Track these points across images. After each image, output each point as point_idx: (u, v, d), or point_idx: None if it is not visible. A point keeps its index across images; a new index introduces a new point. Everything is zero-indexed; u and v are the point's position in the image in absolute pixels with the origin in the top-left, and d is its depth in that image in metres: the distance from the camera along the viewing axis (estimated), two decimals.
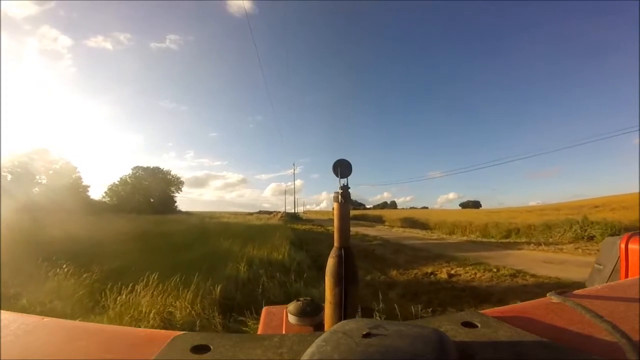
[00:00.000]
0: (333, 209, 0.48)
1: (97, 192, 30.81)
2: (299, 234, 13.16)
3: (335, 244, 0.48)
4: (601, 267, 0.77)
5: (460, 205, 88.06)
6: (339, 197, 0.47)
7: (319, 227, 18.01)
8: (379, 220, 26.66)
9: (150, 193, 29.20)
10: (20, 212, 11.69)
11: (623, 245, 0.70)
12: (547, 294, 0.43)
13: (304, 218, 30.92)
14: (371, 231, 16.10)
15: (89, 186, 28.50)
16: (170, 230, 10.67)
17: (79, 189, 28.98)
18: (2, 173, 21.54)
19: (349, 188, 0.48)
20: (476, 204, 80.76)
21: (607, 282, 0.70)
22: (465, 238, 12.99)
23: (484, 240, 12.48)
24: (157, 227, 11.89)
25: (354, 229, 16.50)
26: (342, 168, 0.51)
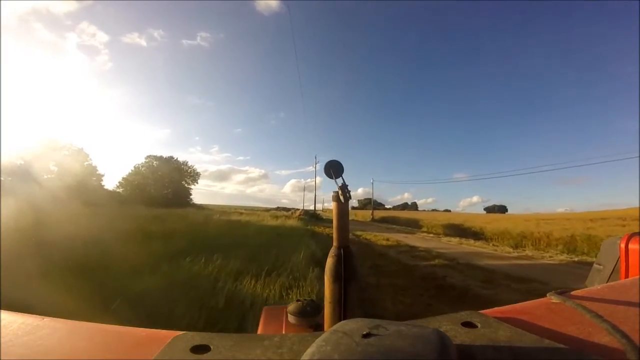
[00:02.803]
0: (332, 208, 0.47)
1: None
2: (324, 243, 9.66)
3: (335, 243, 0.46)
4: (601, 267, 0.73)
5: (485, 209, 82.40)
6: (339, 196, 0.45)
7: None
8: (414, 224, 22.34)
9: (164, 184, 27.00)
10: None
11: (623, 245, 0.67)
12: (547, 294, 0.42)
13: (324, 217, 27.40)
14: (415, 240, 12.32)
15: (103, 175, 26.69)
16: (160, 231, 8.11)
17: (92, 178, 27.15)
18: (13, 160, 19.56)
19: (347, 186, 0.46)
20: (502, 209, 75.57)
21: (607, 282, 0.68)
22: (564, 257, 8.99)
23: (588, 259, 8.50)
24: (150, 225, 9.41)
25: (393, 237, 12.76)
26: (335, 169, 0.49)
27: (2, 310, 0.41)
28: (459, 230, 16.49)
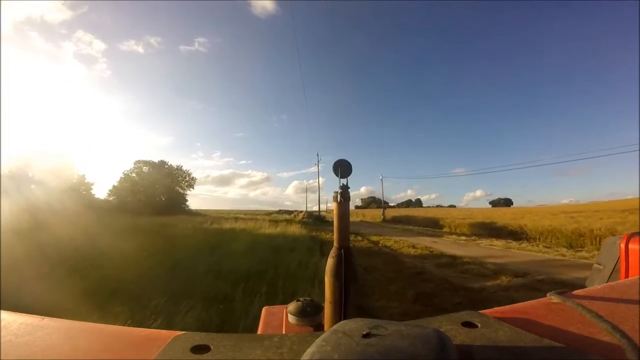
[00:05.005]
0: (333, 209, 0.47)
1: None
2: None
3: (335, 243, 0.46)
4: (601, 267, 0.73)
5: (490, 203, 79.94)
6: (338, 196, 0.45)
7: (360, 238, 11.79)
8: (434, 224, 19.54)
9: (155, 190, 24.70)
10: None
11: (623, 245, 0.66)
12: (547, 294, 0.41)
13: (329, 220, 24.93)
14: (448, 246, 9.95)
15: (92, 184, 24.96)
16: (118, 252, 6.06)
17: (81, 188, 25.07)
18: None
19: (349, 188, 0.46)
20: (507, 202, 73.26)
21: (607, 282, 0.67)
22: None
23: None
24: (114, 241, 7.24)
25: (419, 242, 10.48)
26: (342, 168, 0.49)
27: (2, 311, 0.41)
28: (491, 229, 14.04)
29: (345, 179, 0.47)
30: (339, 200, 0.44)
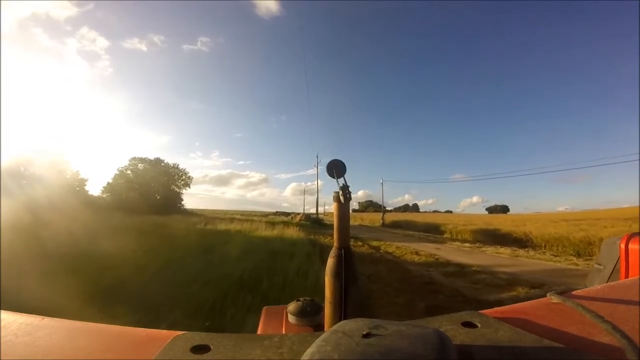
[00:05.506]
0: (333, 209, 0.47)
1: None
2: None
3: (335, 243, 0.46)
4: (601, 267, 0.72)
5: (486, 209, 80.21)
6: (340, 196, 0.44)
7: (360, 243, 11.32)
8: (434, 229, 18.99)
9: (150, 188, 24.10)
10: None
11: (623, 245, 0.66)
12: (547, 294, 0.41)
13: (327, 223, 24.42)
14: (453, 253, 9.72)
15: (86, 180, 24.37)
16: (111, 255, 5.40)
17: (74, 184, 24.41)
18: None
19: (349, 187, 0.45)
20: (504, 209, 73.34)
21: (607, 282, 0.66)
22: None
23: None
24: (111, 243, 6.46)
25: (422, 248, 10.02)
26: (337, 168, 0.47)
27: (2, 311, 0.40)
28: (494, 236, 13.65)
29: (343, 179, 0.46)
30: (339, 201, 0.44)
